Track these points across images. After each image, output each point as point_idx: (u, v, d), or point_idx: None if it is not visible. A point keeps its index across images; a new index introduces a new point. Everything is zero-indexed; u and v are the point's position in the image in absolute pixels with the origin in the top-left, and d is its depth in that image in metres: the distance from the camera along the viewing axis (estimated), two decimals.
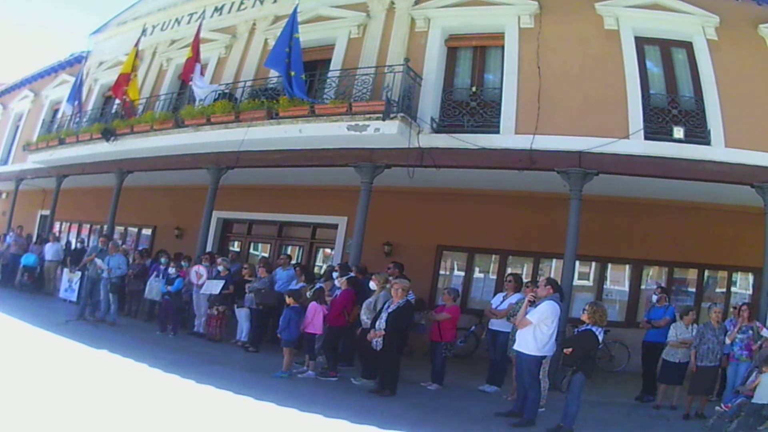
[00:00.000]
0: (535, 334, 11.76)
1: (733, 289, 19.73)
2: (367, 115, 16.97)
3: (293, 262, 21.34)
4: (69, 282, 23.97)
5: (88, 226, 33.05)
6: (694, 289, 19.77)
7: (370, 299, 14.80)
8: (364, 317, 14.64)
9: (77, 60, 30.85)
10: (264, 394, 12.28)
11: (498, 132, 17.06)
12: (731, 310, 16.38)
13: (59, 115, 29.06)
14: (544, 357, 12.09)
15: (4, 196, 39.01)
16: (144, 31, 25.49)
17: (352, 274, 16.15)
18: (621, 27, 16.88)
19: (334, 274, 16.77)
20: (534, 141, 16.25)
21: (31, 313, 19.55)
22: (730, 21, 16.27)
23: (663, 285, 18.05)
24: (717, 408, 12.43)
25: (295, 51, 18.13)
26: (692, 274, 19.99)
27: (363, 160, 17.97)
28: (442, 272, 21.94)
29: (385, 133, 16.84)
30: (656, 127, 16.18)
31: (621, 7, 16.87)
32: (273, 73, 20.02)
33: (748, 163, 15.23)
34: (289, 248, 25.79)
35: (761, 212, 15.28)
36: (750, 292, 19.27)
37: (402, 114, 16.84)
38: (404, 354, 14.62)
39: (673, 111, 16.43)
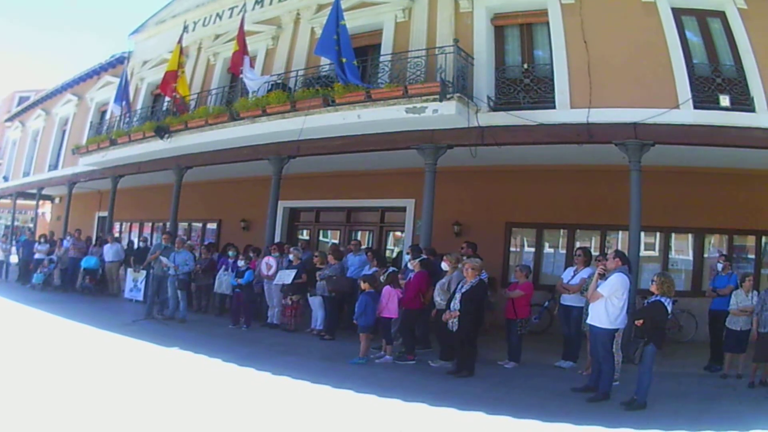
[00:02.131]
0: (606, 307, 11.81)
1: None
2: (424, 97, 16.96)
3: (364, 247, 21.40)
4: (134, 282, 24.27)
5: (150, 224, 33.40)
6: (753, 256, 19.60)
7: (443, 280, 14.86)
8: (438, 298, 14.70)
9: (119, 61, 31.15)
10: (342, 382, 12.31)
11: (554, 107, 17.01)
12: None
13: (107, 116, 29.23)
14: (616, 330, 12.14)
15: (57, 200, 39.48)
16: (185, 27, 25.64)
17: (424, 256, 16.19)
18: None
19: (406, 257, 16.82)
20: (590, 114, 16.24)
21: (96, 316, 19.59)
22: None
23: (725, 253, 17.94)
24: None
25: (343, 38, 18.17)
26: (750, 241, 19.83)
27: (424, 142, 17.99)
28: (512, 249, 22.00)
29: (443, 114, 16.84)
30: (703, 96, 16.05)
31: None
32: (324, 61, 20.06)
33: None
34: (359, 233, 25.82)
35: None
36: None
37: (458, 94, 16.86)
38: (480, 333, 14.46)
39: (717, 79, 16.28)
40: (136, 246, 28.14)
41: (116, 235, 29.96)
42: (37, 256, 28.74)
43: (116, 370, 12.63)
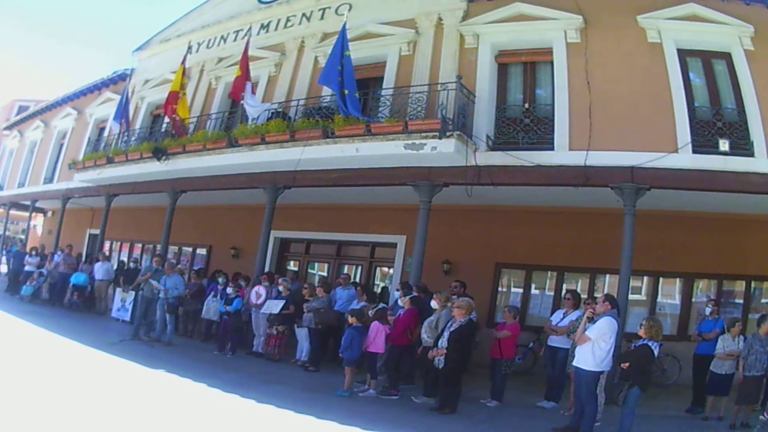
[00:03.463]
0: (593, 349, 11.85)
1: None
2: (424, 134, 17.01)
3: (352, 281, 21.45)
4: (122, 302, 24.25)
5: (141, 245, 33.28)
6: (741, 301, 19.50)
7: (432, 318, 14.88)
8: (425, 336, 14.72)
9: (121, 77, 31.15)
10: (326, 413, 12.33)
11: (552, 149, 17.05)
12: None
13: (106, 133, 29.35)
14: (601, 372, 12.13)
15: (50, 214, 39.39)
16: (189, 48, 25.48)
17: (415, 293, 16.21)
18: (663, 39, 16.84)
19: (396, 294, 16.86)
20: (588, 157, 16.23)
21: (83, 333, 19.61)
22: (765, 30, 16.17)
23: (714, 298, 18.00)
24: (761, 417, 12.69)
25: (347, 69, 18.15)
26: (739, 285, 19.74)
27: (421, 179, 17.98)
28: (500, 289, 21.92)
29: (442, 151, 16.88)
30: (702, 140, 16.10)
31: (662, 19, 16.84)
32: (326, 92, 20.21)
33: None
34: (349, 267, 25.78)
35: None
36: None
37: (458, 132, 16.88)
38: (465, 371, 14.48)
39: (717, 123, 16.34)
40: (126, 266, 27.96)
41: (106, 253, 29.77)
42: (27, 268, 28.97)
43: (100, 389, 12.69)
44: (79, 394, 11.90)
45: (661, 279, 20.19)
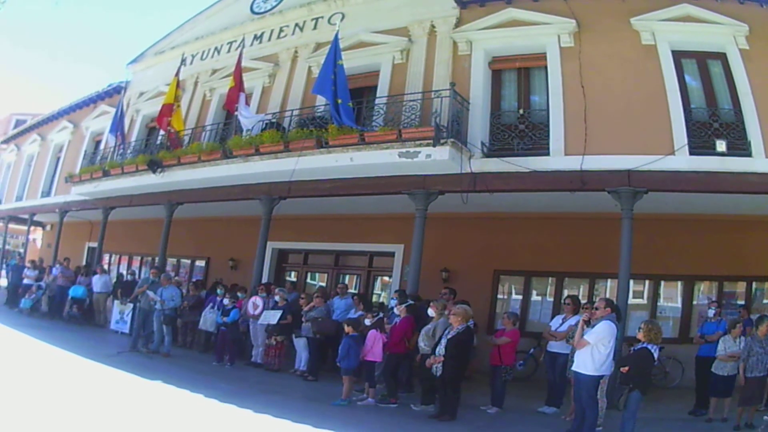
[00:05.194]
0: (592, 354, 11.77)
1: None
2: (418, 142, 17.00)
3: (351, 291, 21.52)
4: (120, 314, 24.15)
5: (139, 258, 33.29)
6: (743, 302, 19.27)
7: (429, 326, 14.80)
8: (423, 344, 14.65)
9: (116, 90, 31.11)
10: (323, 422, 12.28)
11: (548, 154, 17.05)
12: None
13: (102, 146, 29.19)
14: (601, 376, 12.06)
15: (48, 227, 39.36)
16: (183, 60, 25.61)
17: (410, 301, 16.20)
18: (658, 41, 16.87)
19: (392, 302, 16.86)
20: (584, 162, 16.22)
21: (81, 345, 19.56)
22: (760, 29, 16.18)
23: (715, 299, 17.92)
24: (765, 417, 12.52)
25: (340, 78, 18.17)
26: (741, 287, 19.69)
27: (416, 187, 17.94)
28: (499, 296, 21.90)
29: (436, 159, 16.87)
30: (699, 141, 16.08)
31: (655, 21, 16.88)
32: (320, 102, 20.19)
33: None
34: (347, 277, 25.80)
35: None
36: None
37: (452, 139, 16.88)
38: (464, 378, 14.47)
39: (714, 124, 16.33)
40: (124, 278, 28.02)
41: (105, 266, 29.81)
42: (25, 281, 29.01)
43: (99, 400, 12.66)
44: (77, 405, 11.87)
45: (662, 282, 20.15)
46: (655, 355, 11.43)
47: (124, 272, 30.34)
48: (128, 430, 10.62)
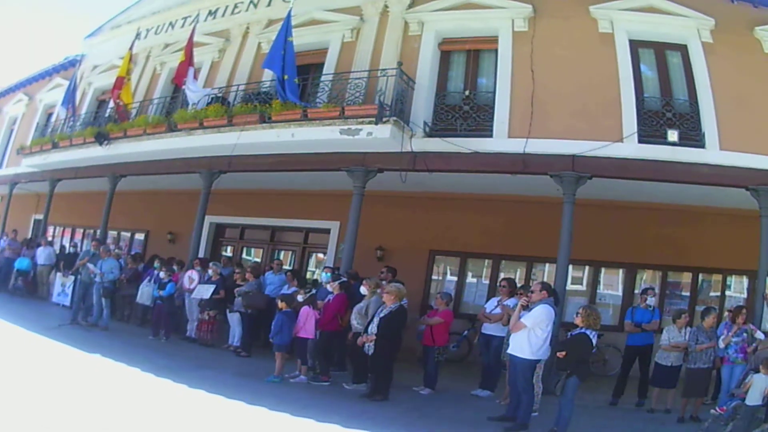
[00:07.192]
0: (529, 338, 11.72)
1: (727, 292, 19.56)
2: (360, 119, 16.90)
3: (285, 267, 21.45)
4: (62, 286, 23.96)
5: (82, 230, 33.00)
6: (688, 293, 19.64)
7: (361, 304, 14.80)
8: (355, 322, 14.67)
9: (72, 64, 30.67)
10: (256, 399, 12.24)
11: (491, 136, 16.98)
12: (725, 313, 16.24)
13: (53, 118, 28.89)
14: (538, 361, 12.11)
15: None
16: (138, 34, 25.46)
17: (344, 278, 16.12)
18: (615, 30, 16.83)
19: (324, 276, 16.81)
20: (527, 145, 16.22)
21: (24, 317, 19.53)
22: (726, 23, 16.15)
23: (651, 287, 17.69)
24: (712, 411, 12.42)
25: (289, 54, 18.05)
26: (686, 277, 19.86)
27: (355, 165, 17.90)
28: (434, 277, 21.95)
29: (377, 137, 16.79)
30: (650, 130, 16.09)
31: (616, 10, 16.81)
32: (266, 77, 20.03)
33: (743, 165, 15.13)
34: (282, 253, 25.77)
35: (756, 215, 15.22)
36: (744, 295, 19.15)
37: (395, 118, 16.77)
38: (397, 359, 14.39)
39: (667, 114, 16.33)
40: (66, 251, 28.03)
41: (49, 238, 29.57)
42: None
43: (37, 372, 12.62)
44: (16, 379, 11.78)
45: (603, 269, 20.27)
46: (594, 341, 11.33)
47: (67, 245, 30.28)
48: (66, 404, 10.48)
